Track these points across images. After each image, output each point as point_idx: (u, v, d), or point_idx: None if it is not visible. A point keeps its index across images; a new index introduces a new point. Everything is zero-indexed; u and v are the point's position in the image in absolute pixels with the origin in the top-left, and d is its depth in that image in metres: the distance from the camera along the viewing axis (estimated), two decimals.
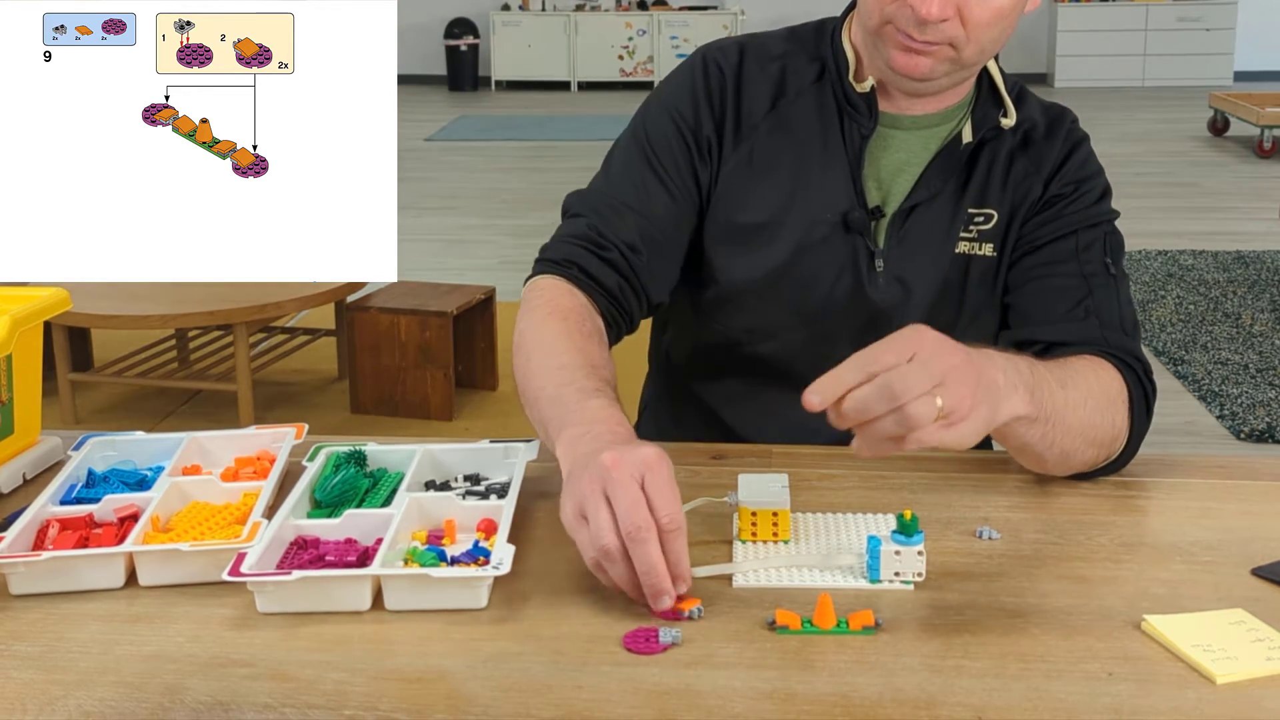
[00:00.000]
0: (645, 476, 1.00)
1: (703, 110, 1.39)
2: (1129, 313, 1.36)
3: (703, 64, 1.42)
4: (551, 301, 1.30)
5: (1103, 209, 1.40)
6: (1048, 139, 1.40)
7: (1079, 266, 1.36)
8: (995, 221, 1.39)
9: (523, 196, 7.32)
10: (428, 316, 3.88)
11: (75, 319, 3.63)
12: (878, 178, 1.40)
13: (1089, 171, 1.41)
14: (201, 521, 1.14)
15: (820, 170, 1.38)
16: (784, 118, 1.39)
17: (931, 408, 0.98)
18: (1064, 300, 1.34)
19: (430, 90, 12.11)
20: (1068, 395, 1.16)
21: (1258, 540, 1.13)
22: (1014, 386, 1.08)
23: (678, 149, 1.39)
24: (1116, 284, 1.37)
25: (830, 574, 1.07)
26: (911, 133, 1.39)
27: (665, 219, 1.38)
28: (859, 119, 1.37)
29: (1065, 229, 1.37)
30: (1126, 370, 1.28)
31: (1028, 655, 0.96)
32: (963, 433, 1.01)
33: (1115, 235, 1.41)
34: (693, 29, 11.91)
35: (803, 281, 1.39)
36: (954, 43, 1.28)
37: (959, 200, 1.39)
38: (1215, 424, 3.95)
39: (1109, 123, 9.81)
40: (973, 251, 1.39)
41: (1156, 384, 1.31)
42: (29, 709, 0.91)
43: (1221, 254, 5.87)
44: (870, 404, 0.98)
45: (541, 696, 0.91)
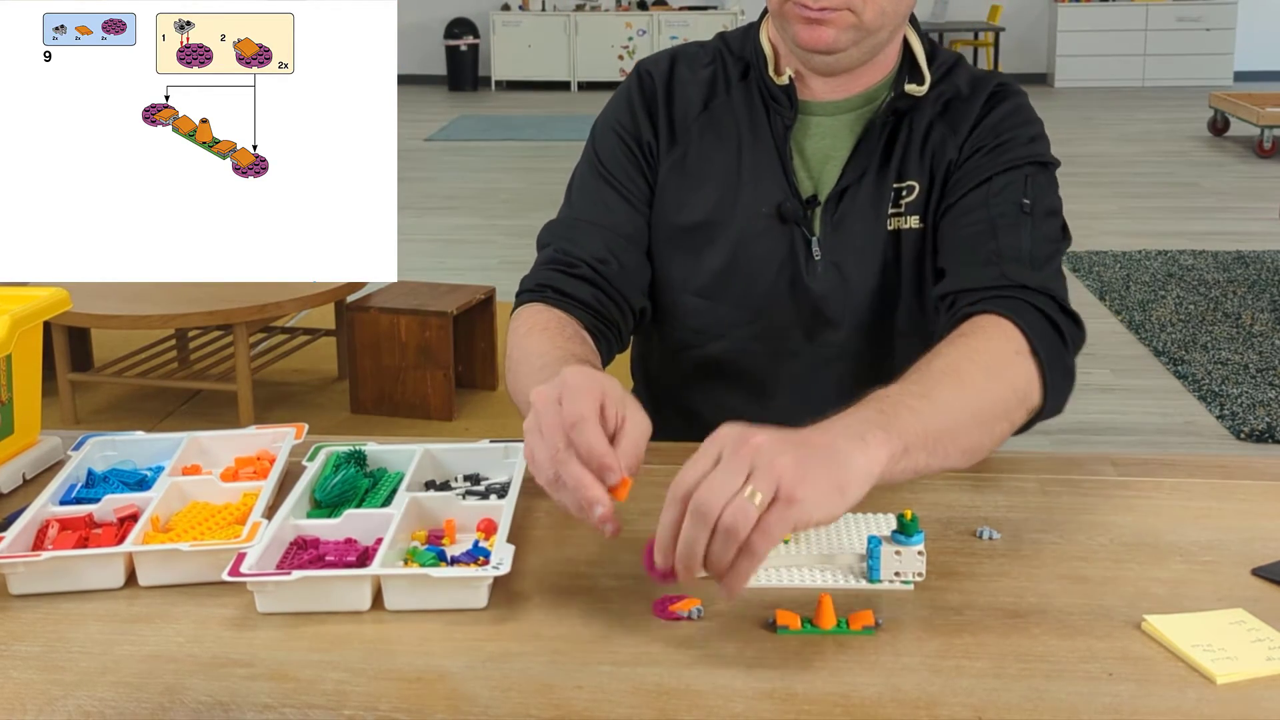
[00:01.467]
0: (562, 394, 1.00)
1: (640, 117, 1.44)
2: (1042, 248, 1.31)
3: (636, 76, 1.47)
4: (531, 321, 1.33)
5: (1025, 151, 1.36)
6: (967, 102, 1.39)
7: (987, 211, 1.33)
8: (917, 193, 1.38)
9: (522, 196, 7.32)
10: (428, 316, 3.88)
11: (75, 319, 3.63)
12: (807, 167, 1.41)
13: (1012, 123, 1.38)
14: (201, 521, 1.14)
15: (752, 166, 1.40)
16: (714, 118, 1.43)
17: (748, 506, 0.90)
18: (969, 247, 1.32)
19: (430, 90, 12.11)
20: (935, 400, 1.09)
21: (1258, 540, 1.13)
22: (860, 437, 0.99)
23: (625, 158, 1.43)
24: (1032, 221, 1.32)
25: (830, 574, 1.07)
26: (834, 118, 1.40)
27: (627, 225, 1.42)
28: (781, 110, 1.39)
29: (979, 178, 1.35)
30: (1025, 311, 1.22)
31: (1028, 655, 0.96)
32: (808, 508, 0.92)
33: (1040, 175, 1.36)
34: (692, 29, 11.92)
35: (745, 278, 1.41)
36: (851, 6, 1.29)
37: (883, 177, 1.39)
38: (1215, 424, 3.95)
39: (1109, 123, 9.81)
40: (901, 226, 1.39)
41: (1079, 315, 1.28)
42: (29, 709, 0.91)
43: (1221, 254, 5.87)
44: (694, 538, 0.92)
45: (541, 696, 0.91)
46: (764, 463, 0.92)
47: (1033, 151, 1.37)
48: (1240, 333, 4.76)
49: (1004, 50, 12.21)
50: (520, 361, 1.29)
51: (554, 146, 8.99)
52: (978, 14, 12.48)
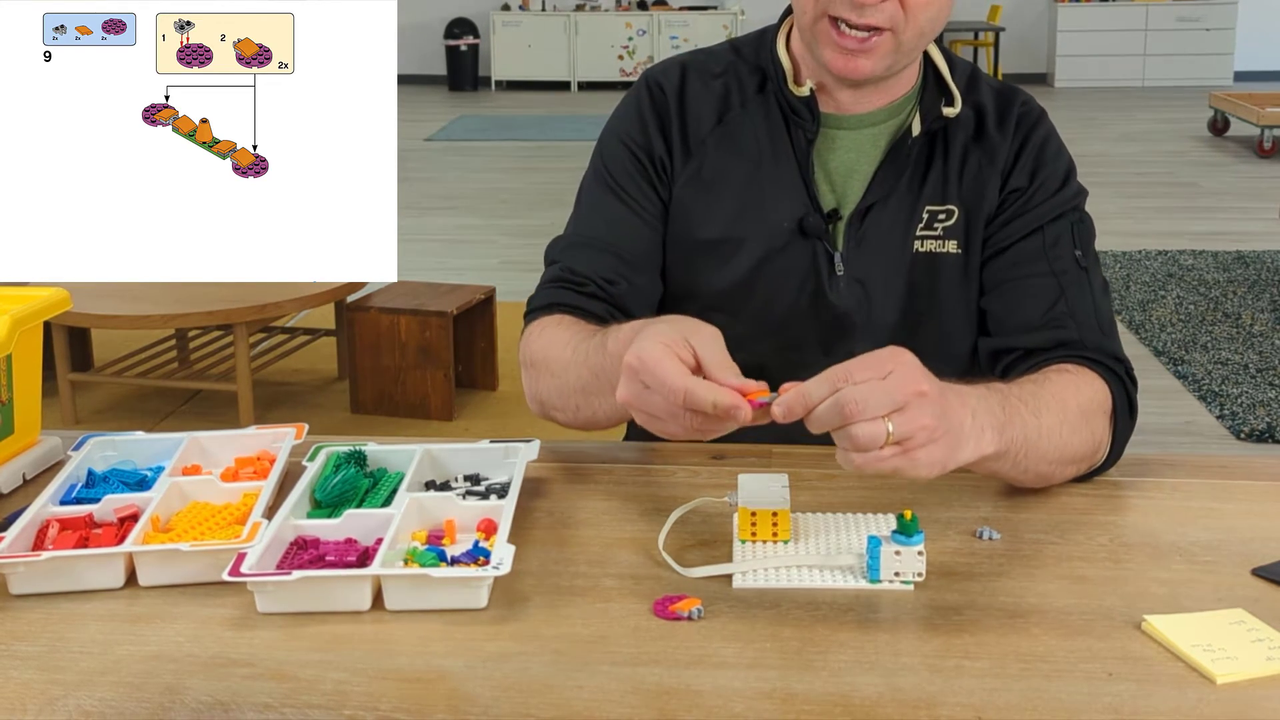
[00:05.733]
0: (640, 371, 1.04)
1: (652, 130, 1.41)
2: (1105, 309, 1.34)
3: (646, 87, 1.44)
4: (545, 329, 1.34)
5: (1066, 195, 1.37)
6: (1000, 129, 1.38)
7: (1049, 264, 1.34)
8: (956, 218, 1.37)
9: (523, 196, 7.32)
10: (428, 316, 3.88)
11: (75, 319, 3.63)
12: (830, 180, 1.39)
13: (1046, 157, 1.38)
14: (201, 521, 1.14)
15: (772, 179, 1.38)
16: (730, 131, 1.40)
17: (880, 431, 0.96)
18: (1037, 304, 1.33)
19: (430, 90, 12.11)
20: (1041, 423, 1.15)
21: (1258, 540, 1.13)
22: (981, 428, 1.06)
23: (636, 171, 1.41)
24: (1089, 277, 1.34)
25: (830, 574, 1.07)
26: (858, 131, 1.38)
27: (637, 243, 1.40)
28: (803, 124, 1.37)
29: (1030, 226, 1.35)
30: (1108, 374, 1.27)
31: (1028, 655, 0.96)
32: (917, 463, 0.99)
33: (1083, 223, 1.38)
34: (692, 29, 11.92)
35: (766, 293, 1.39)
36: (893, 26, 1.27)
37: (916, 197, 1.38)
38: (1215, 424, 3.95)
39: (1109, 123, 9.81)
40: (937, 249, 1.37)
41: (1138, 381, 1.30)
42: (29, 709, 0.91)
43: (1221, 254, 5.87)
44: (825, 419, 0.98)
45: (541, 696, 0.91)
46: (915, 409, 0.98)
47: (1073, 194, 1.38)
48: (1240, 333, 4.76)
49: (1004, 50, 12.20)
50: (547, 359, 1.30)
51: (554, 146, 8.99)
52: (978, 14, 12.48)
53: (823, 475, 1.27)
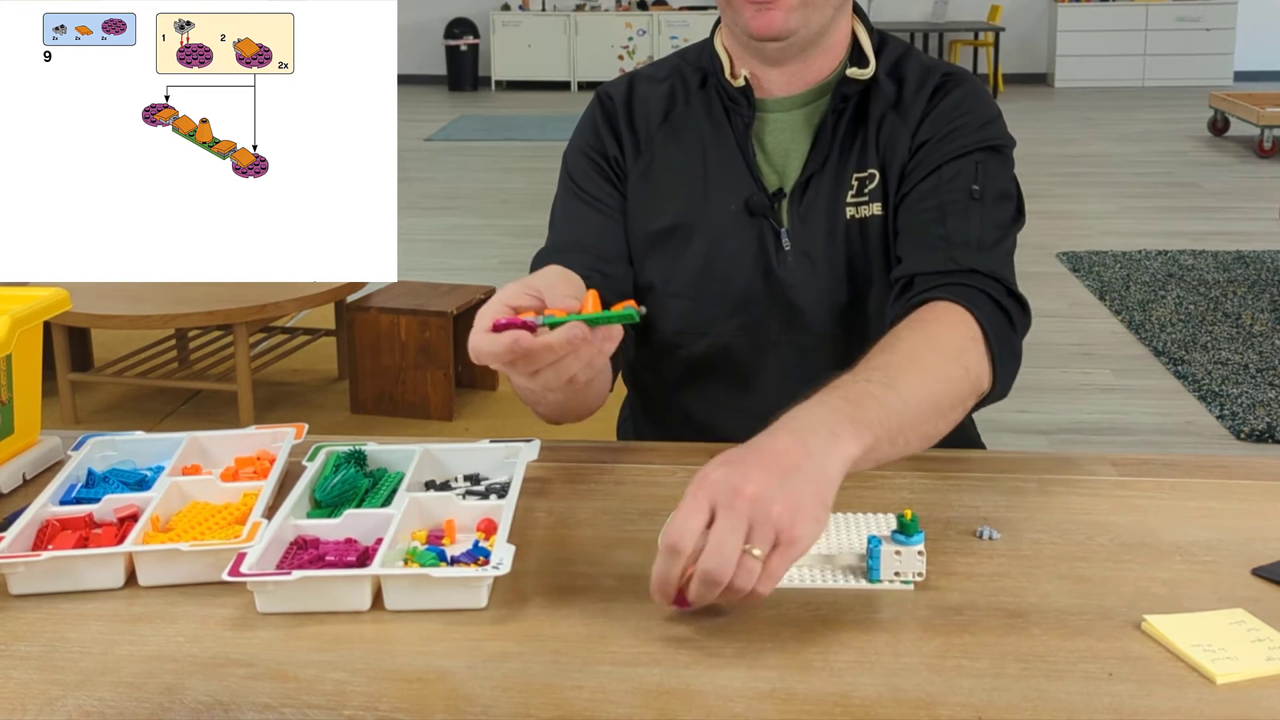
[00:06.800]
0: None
1: (604, 135, 1.48)
2: (990, 231, 1.34)
3: (597, 100, 1.52)
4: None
5: (976, 138, 1.38)
6: (918, 93, 1.42)
7: (938, 199, 1.36)
8: (878, 181, 1.41)
9: (523, 196, 7.32)
10: (428, 316, 3.88)
11: (75, 319, 3.63)
12: (770, 162, 1.44)
13: (962, 110, 1.40)
14: (201, 521, 1.14)
15: (717, 165, 1.44)
16: (676, 126, 1.47)
17: (755, 565, 0.94)
18: (919, 233, 1.36)
19: (430, 90, 12.12)
20: (899, 392, 1.10)
21: (1258, 540, 1.13)
22: (832, 435, 1.02)
23: (596, 174, 1.47)
24: (981, 206, 1.35)
25: (830, 574, 1.07)
26: (790, 113, 1.44)
27: (606, 238, 1.45)
28: (740, 110, 1.43)
29: (930, 167, 1.38)
30: (975, 297, 1.27)
31: (1028, 655, 0.96)
32: (805, 542, 0.96)
33: (992, 160, 1.38)
34: (692, 29, 11.93)
35: (722, 274, 1.43)
36: None
37: (845, 167, 1.42)
38: (1215, 424, 3.95)
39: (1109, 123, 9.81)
40: (866, 215, 1.41)
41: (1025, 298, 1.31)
42: (29, 709, 0.91)
43: (1221, 254, 5.87)
44: (704, 595, 0.95)
45: (541, 696, 0.91)
46: (760, 516, 0.94)
47: (984, 136, 1.39)
48: (1240, 333, 4.76)
49: (1004, 50, 12.21)
50: None
51: (554, 146, 8.98)
52: (978, 14, 12.49)
53: None
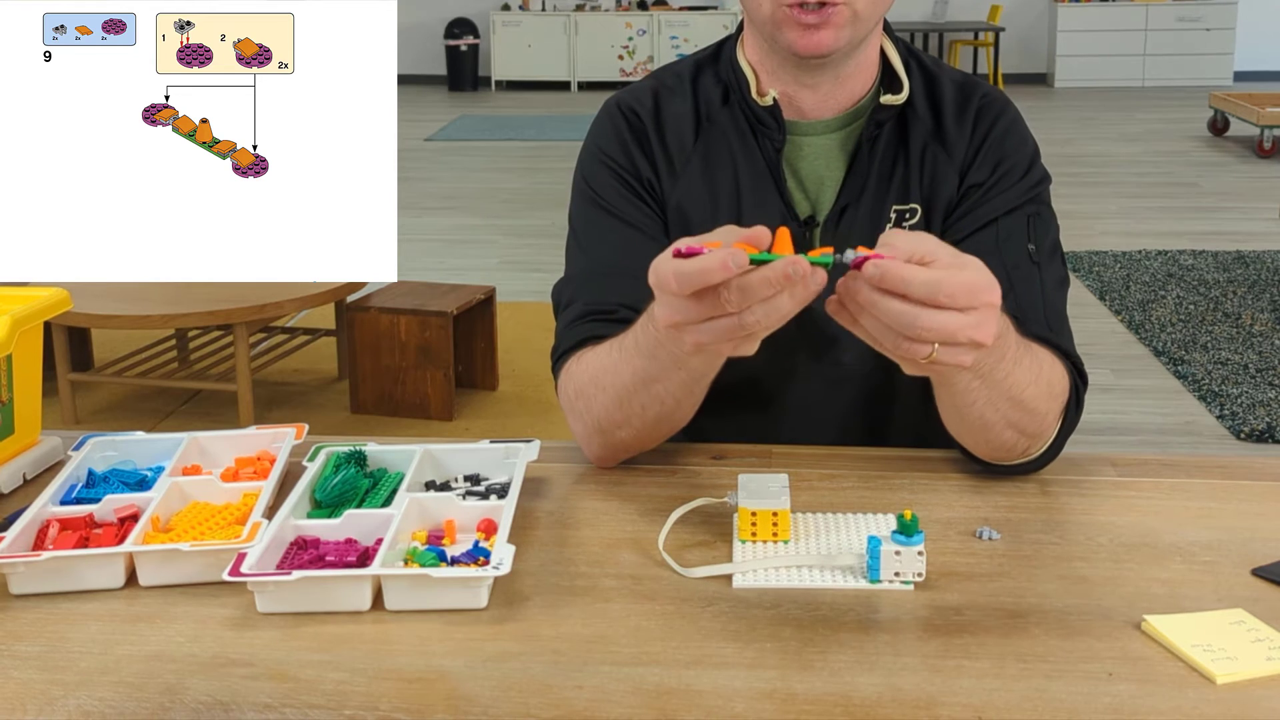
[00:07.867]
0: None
1: (634, 153, 1.40)
2: (1056, 304, 1.34)
3: (619, 112, 1.42)
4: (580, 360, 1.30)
5: (1025, 186, 1.36)
6: (959, 122, 1.38)
7: (1000, 259, 1.32)
8: (919, 217, 1.37)
9: (523, 196, 7.32)
10: (428, 316, 3.88)
11: (75, 319, 3.63)
12: (802, 188, 1.39)
13: (1007, 149, 1.37)
14: (201, 521, 1.14)
15: (750, 189, 1.38)
16: (708, 146, 1.40)
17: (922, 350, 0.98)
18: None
19: (430, 90, 12.12)
20: (1020, 370, 1.15)
21: (1258, 540, 1.13)
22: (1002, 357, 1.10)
23: (630, 194, 1.39)
24: (1040, 272, 1.34)
25: (830, 574, 1.07)
26: (824, 137, 1.38)
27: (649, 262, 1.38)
28: (769, 133, 1.37)
29: (984, 219, 1.35)
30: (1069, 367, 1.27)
31: (1028, 655, 0.96)
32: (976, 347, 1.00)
33: (1040, 215, 1.37)
34: (693, 29, 11.92)
35: None
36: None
37: (884, 198, 1.38)
38: (1215, 424, 3.95)
39: (1109, 123, 9.81)
40: None
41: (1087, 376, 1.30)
42: (29, 709, 0.91)
43: (1221, 254, 5.87)
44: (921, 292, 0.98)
45: (541, 696, 0.91)
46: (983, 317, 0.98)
47: (1032, 182, 1.37)
48: (1240, 333, 4.76)
49: (1004, 50, 12.21)
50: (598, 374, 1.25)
51: (554, 146, 9.00)
52: (978, 14, 12.48)
53: (823, 475, 1.27)
